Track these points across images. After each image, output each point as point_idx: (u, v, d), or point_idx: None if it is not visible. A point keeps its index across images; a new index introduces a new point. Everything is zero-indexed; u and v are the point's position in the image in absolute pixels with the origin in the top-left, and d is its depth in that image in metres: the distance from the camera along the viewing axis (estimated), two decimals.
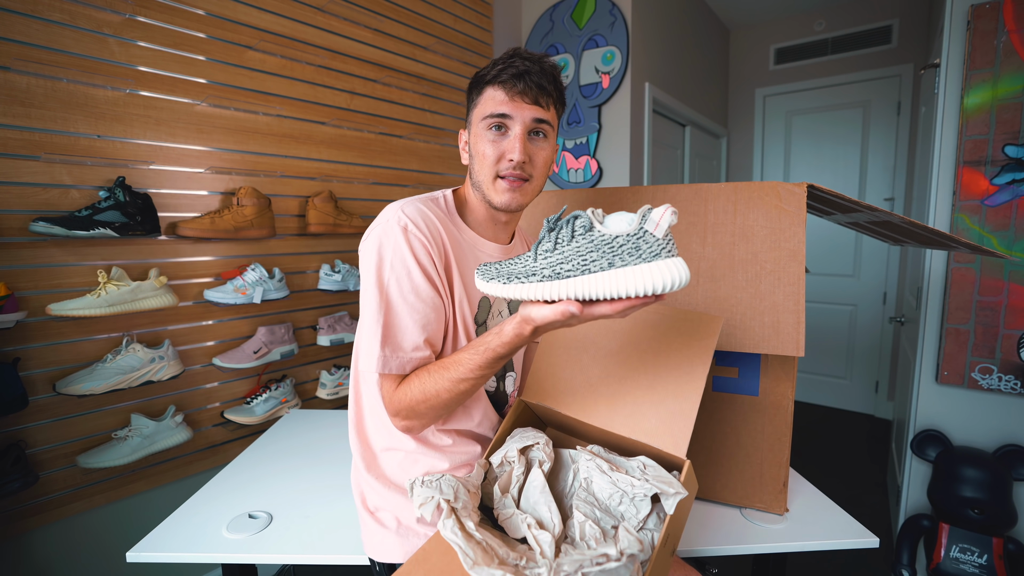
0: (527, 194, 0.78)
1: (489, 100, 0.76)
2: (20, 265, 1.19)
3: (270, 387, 1.61)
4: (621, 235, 0.54)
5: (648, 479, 0.63)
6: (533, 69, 0.74)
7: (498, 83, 0.75)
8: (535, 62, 0.75)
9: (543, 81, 0.75)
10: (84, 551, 1.33)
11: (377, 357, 0.70)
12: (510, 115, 0.75)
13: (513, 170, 0.75)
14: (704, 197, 0.95)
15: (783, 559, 0.93)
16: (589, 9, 2.35)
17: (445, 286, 0.76)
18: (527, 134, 0.76)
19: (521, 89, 0.74)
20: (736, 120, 3.60)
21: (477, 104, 0.78)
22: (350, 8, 1.81)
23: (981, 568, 1.47)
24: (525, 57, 0.75)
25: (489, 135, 0.76)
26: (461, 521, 0.58)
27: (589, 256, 0.55)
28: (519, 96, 0.74)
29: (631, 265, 0.53)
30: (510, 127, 0.75)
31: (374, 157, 1.94)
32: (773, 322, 0.88)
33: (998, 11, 1.45)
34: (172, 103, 1.41)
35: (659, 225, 0.52)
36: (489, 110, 0.75)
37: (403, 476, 0.79)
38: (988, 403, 1.56)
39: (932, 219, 1.61)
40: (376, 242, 0.73)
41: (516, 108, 0.74)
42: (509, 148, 0.75)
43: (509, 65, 0.74)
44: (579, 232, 0.57)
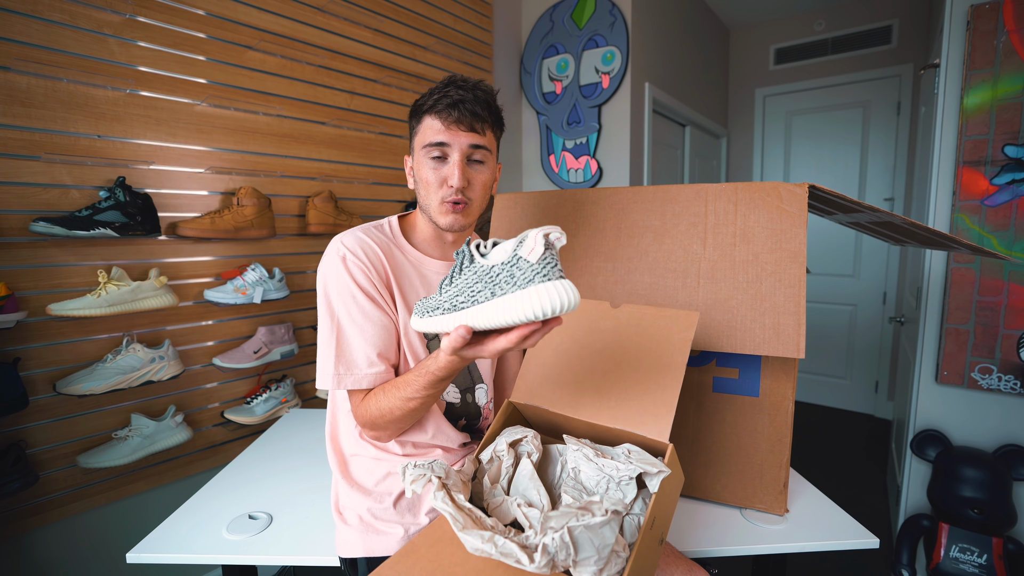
0: (469, 215, 0.83)
1: (428, 129, 0.80)
2: (20, 265, 1.19)
3: (270, 387, 1.61)
4: (497, 264, 0.55)
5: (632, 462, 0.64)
6: (467, 97, 0.77)
7: (435, 112, 0.78)
8: (469, 90, 0.78)
9: (477, 108, 0.78)
10: (84, 551, 1.33)
11: (332, 376, 0.79)
12: (447, 143, 0.79)
13: (454, 195, 0.80)
14: (705, 197, 0.95)
15: (783, 560, 0.93)
16: (589, 9, 2.35)
17: (390, 305, 0.83)
18: (465, 160, 0.80)
19: (456, 118, 0.77)
20: (736, 120, 3.60)
21: (417, 132, 0.82)
22: (350, 8, 1.81)
23: (981, 568, 1.47)
24: (460, 86, 0.78)
25: (430, 163, 0.80)
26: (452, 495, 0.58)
27: (475, 287, 0.57)
28: (455, 124, 0.78)
29: (508, 293, 0.54)
30: (448, 154, 0.79)
31: (374, 157, 1.94)
32: (774, 324, 0.88)
33: (998, 11, 1.45)
34: (172, 103, 1.41)
35: (533, 250, 0.52)
36: (428, 139, 0.79)
37: (367, 477, 0.86)
38: (988, 403, 1.56)
39: (932, 219, 1.61)
40: (322, 274, 0.82)
41: (453, 136, 0.78)
42: (449, 174, 0.79)
43: (444, 95, 0.78)
44: (465, 264, 0.59)
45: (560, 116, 2.47)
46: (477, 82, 0.80)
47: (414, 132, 0.84)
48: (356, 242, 0.81)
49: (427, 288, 0.87)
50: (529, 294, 0.52)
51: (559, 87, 2.46)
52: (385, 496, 0.83)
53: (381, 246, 0.83)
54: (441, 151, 0.79)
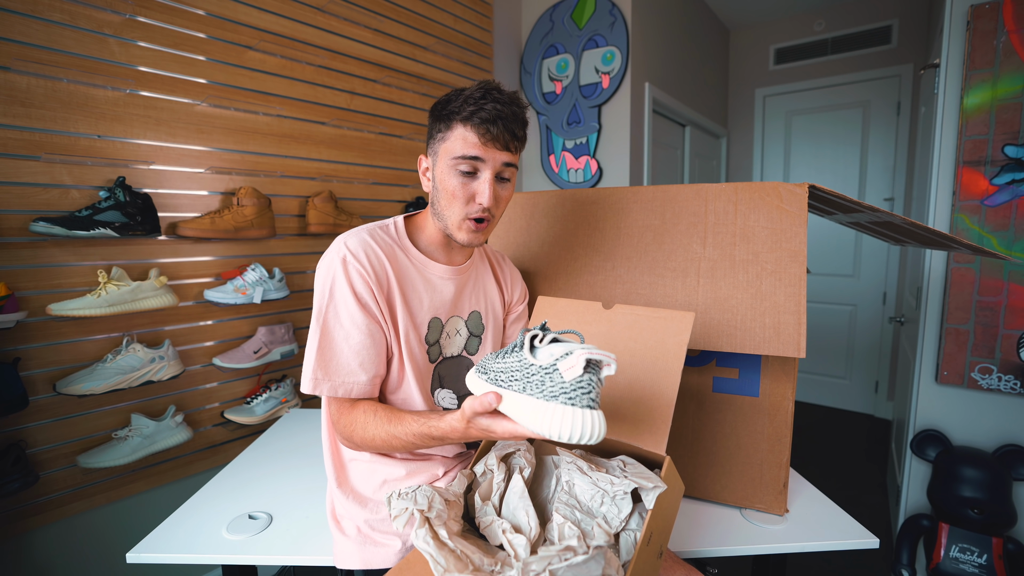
0: (488, 232, 0.83)
1: (460, 140, 0.74)
2: (20, 265, 1.19)
3: (270, 387, 1.61)
4: (538, 364, 0.54)
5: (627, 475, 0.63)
6: (505, 113, 0.73)
7: (470, 124, 0.73)
8: (507, 104, 0.74)
9: (515, 127, 0.75)
10: (84, 551, 1.33)
11: (310, 379, 0.74)
12: (483, 159, 0.75)
13: (481, 213, 0.78)
14: (705, 197, 0.95)
15: (783, 560, 0.93)
16: (589, 9, 2.35)
17: (385, 312, 0.78)
18: (495, 179, 0.77)
19: (494, 135, 0.73)
20: (736, 120, 3.60)
21: (446, 139, 0.76)
22: (350, 8, 1.81)
23: (981, 568, 1.47)
24: (497, 99, 0.73)
25: (458, 176, 0.76)
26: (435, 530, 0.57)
27: (513, 374, 0.57)
28: (492, 142, 0.74)
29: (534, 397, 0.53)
30: (480, 171, 0.76)
31: (374, 157, 1.94)
32: (774, 323, 0.88)
33: (998, 11, 1.45)
34: (172, 103, 1.41)
35: (572, 368, 0.51)
36: (460, 151, 0.74)
37: (364, 486, 0.83)
38: (988, 403, 1.56)
39: (932, 219, 1.61)
40: (320, 273, 0.79)
41: (488, 153, 0.74)
42: (479, 192, 0.76)
43: (481, 107, 0.72)
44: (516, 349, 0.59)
45: (560, 116, 2.48)
46: (514, 95, 0.76)
47: (440, 135, 0.77)
48: (359, 244, 0.78)
49: (430, 291, 0.84)
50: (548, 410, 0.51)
51: (559, 87, 2.46)
52: (382, 506, 0.81)
53: (385, 249, 0.80)
54: (472, 166, 0.75)
